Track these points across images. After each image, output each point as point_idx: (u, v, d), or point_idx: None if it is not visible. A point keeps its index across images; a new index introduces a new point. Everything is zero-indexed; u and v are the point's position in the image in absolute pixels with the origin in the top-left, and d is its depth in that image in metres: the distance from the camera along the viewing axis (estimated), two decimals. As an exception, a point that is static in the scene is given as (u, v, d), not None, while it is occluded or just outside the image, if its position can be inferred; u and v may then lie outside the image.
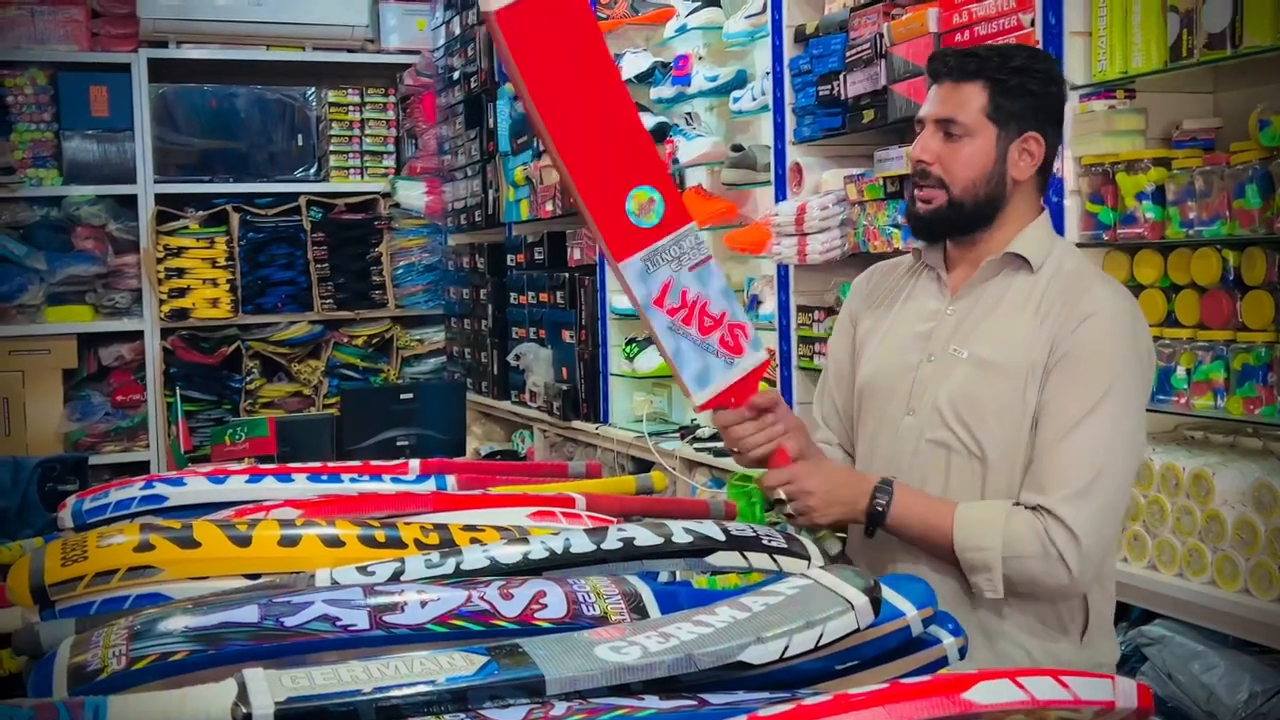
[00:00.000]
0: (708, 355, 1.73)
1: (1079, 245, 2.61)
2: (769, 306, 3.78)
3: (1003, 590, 1.77)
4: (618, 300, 4.57)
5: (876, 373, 1.97)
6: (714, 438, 3.98)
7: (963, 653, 1.36)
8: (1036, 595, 1.80)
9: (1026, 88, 1.86)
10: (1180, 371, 2.43)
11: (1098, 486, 1.75)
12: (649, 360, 4.41)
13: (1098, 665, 1.87)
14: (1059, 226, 2.62)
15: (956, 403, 1.85)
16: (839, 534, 1.85)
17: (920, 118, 1.91)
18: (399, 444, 4.40)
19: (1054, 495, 1.75)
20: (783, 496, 1.81)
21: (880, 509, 1.81)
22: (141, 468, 6.00)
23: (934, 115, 1.87)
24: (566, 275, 4.90)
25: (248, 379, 6.31)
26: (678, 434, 4.20)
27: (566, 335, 4.90)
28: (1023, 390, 1.81)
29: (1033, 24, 2.67)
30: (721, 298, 1.73)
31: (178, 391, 5.68)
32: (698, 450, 3.94)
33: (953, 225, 1.90)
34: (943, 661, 1.34)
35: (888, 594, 1.32)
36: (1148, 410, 2.51)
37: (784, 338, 3.66)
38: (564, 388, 4.85)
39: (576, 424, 4.79)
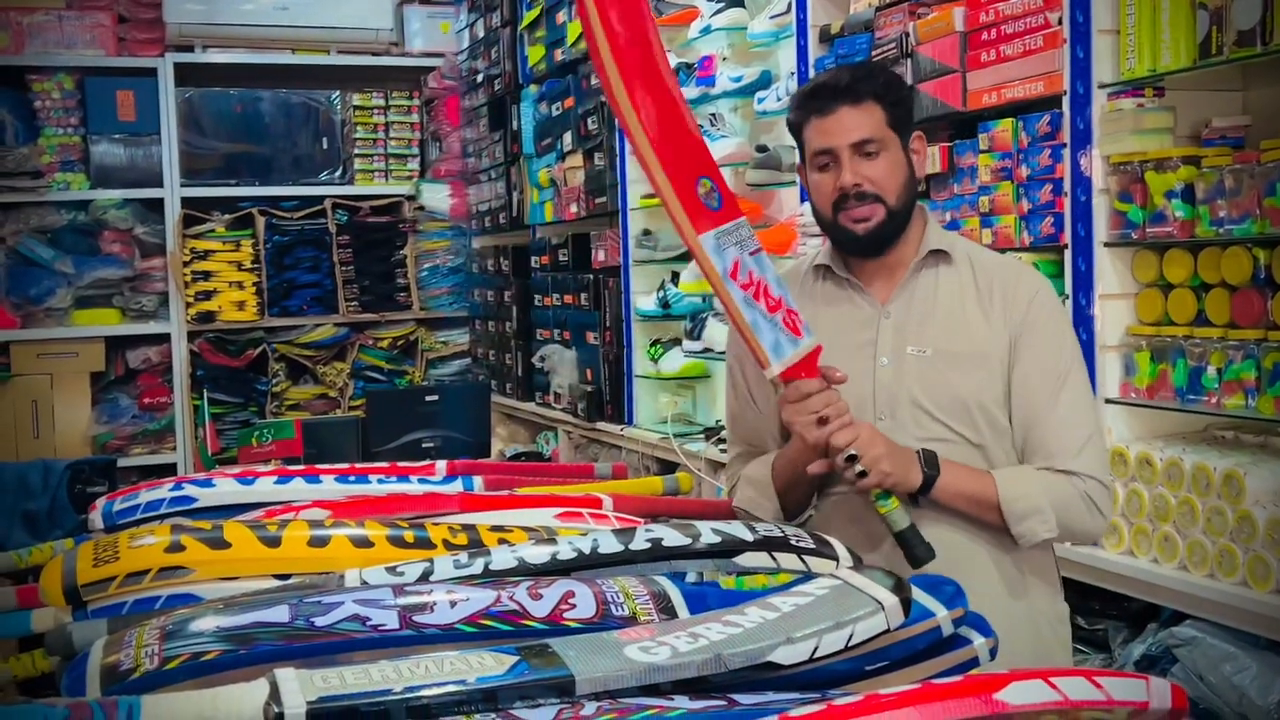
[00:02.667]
0: (778, 330, 1.82)
1: (1107, 244, 2.60)
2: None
3: (1057, 529, 1.88)
4: (642, 302, 4.57)
5: None
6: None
7: (993, 653, 1.36)
8: (1071, 541, 2.04)
9: (902, 95, 2.00)
10: (1211, 371, 2.41)
11: (1095, 438, 1.94)
12: (673, 362, 4.40)
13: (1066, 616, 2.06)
14: (1087, 225, 2.60)
15: (937, 398, 1.93)
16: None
17: (828, 148, 1.94)
18: (424, 446, 4.41)
19: (1069, 456, 1.90)
20: (854, 453, 1.82)
21: (932, 474, 1.87)
22: (169, 470, 6.03)
23: (848, 141, 1.92)
24: (591, 277, 4.90)
25: (274, 381, 6.33)
26: (703, 435, 4.19)
27: (591, 337, 4.90)
28: (991, 375, 1.93)
29: (1060, 22, 2.65)
30: (777, 284, 1.84)
31: (205, 394, 5.71)
32: (723, 451, 3.93)
33: (891, 236, 1.98)
34: (974, 662, 1.34)
35: (918, 595, 1.32)
36: (1175, 410, 2.52)
37: (809, 338, 3.65)
38: (588, 389, 4.85)
39: (601, 425, 4.79)
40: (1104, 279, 2.60)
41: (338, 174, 6.68)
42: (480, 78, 6.16)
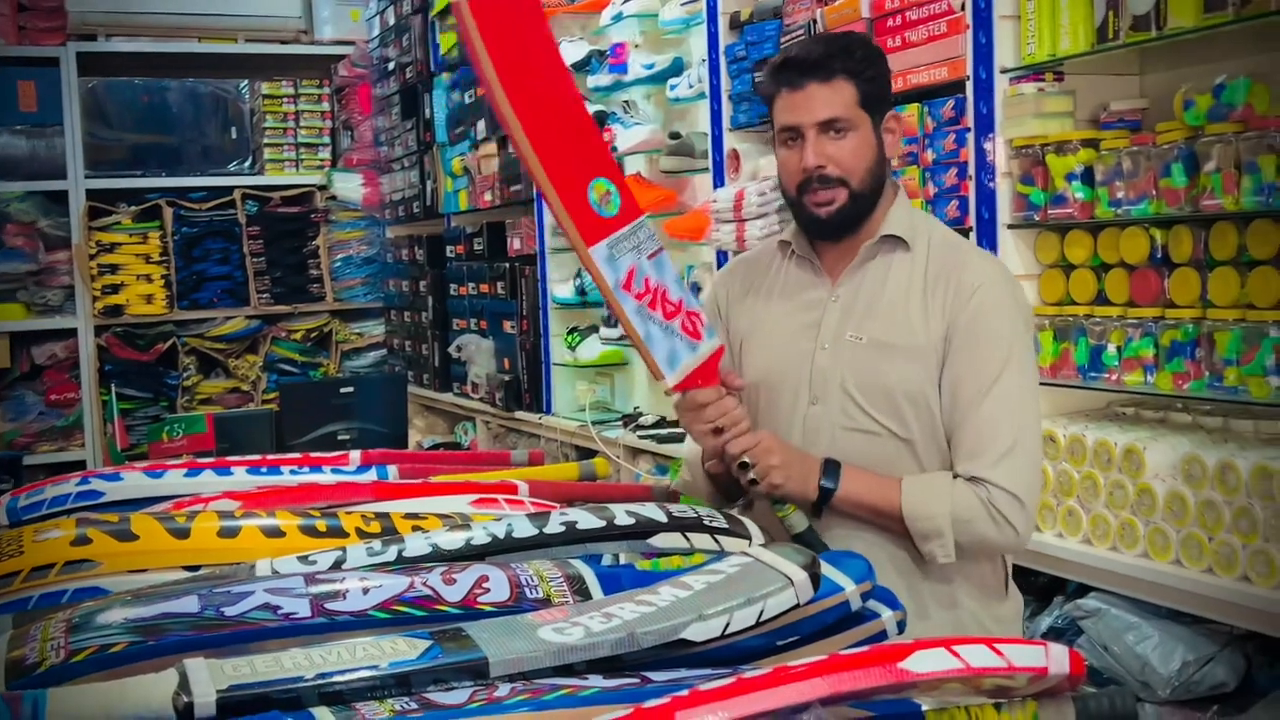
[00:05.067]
0: (674, 339, 1.78)
1: (1010, 226, 2.65)
2: (709, 292, 3.79)
3: (954, 554, 1.82)
4: (559, 290, 4.57)
5: (770, 366, 1.98)
6: (657, 425, 3.99)
7: (901, 626, 1.38)
8: (985, 554, 1.89)
9: (877, 72, 1.91)
10: (1111, 349, 2.48)
11: (1021, 445, 1.83)
12: (591, 349, 4.41)
13: (1018, 613, 2.00)
14: (990, 209, 2.66)
15: (866, 388, 1.89)
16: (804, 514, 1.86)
17: (793, 125, 1.88)
18: (340, 438, 4.36)
19: (985, 462, 1.82)
20: (747, 461, 1.81)
21: (830, 486, 1.84)
22: (77, 467, 5.89)
23: (814, 119, 1.86)
24: (506, 266, 4.89)
25: (184, 375, 6.23)
26: (620, 422, 4.21)
27: (508, 326, 4.89)
28: (926, 369, 1.87)
29: (963, 8, 2.70)
30: (677, 286, 1.79)
31: (113, 389, 5.60)
32: (641, 438, 3.95)
33: (854, 219, 1.92)
34: (881, 635, 1.36)
35: (826, 570, 1.33)
36: (1078, 387, 2.58)
37: (724, 324, 3.67)
38: (506, 378, 4.85)
39: (519, 415, 4.79)
40: (1008, 260, 2.64)
41: (247, 164, 6.58)
42: (391, 65, 6.11)
